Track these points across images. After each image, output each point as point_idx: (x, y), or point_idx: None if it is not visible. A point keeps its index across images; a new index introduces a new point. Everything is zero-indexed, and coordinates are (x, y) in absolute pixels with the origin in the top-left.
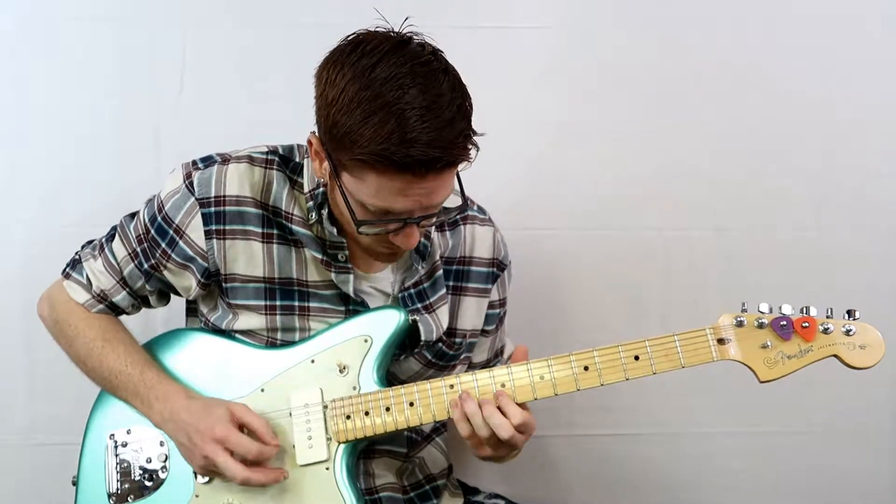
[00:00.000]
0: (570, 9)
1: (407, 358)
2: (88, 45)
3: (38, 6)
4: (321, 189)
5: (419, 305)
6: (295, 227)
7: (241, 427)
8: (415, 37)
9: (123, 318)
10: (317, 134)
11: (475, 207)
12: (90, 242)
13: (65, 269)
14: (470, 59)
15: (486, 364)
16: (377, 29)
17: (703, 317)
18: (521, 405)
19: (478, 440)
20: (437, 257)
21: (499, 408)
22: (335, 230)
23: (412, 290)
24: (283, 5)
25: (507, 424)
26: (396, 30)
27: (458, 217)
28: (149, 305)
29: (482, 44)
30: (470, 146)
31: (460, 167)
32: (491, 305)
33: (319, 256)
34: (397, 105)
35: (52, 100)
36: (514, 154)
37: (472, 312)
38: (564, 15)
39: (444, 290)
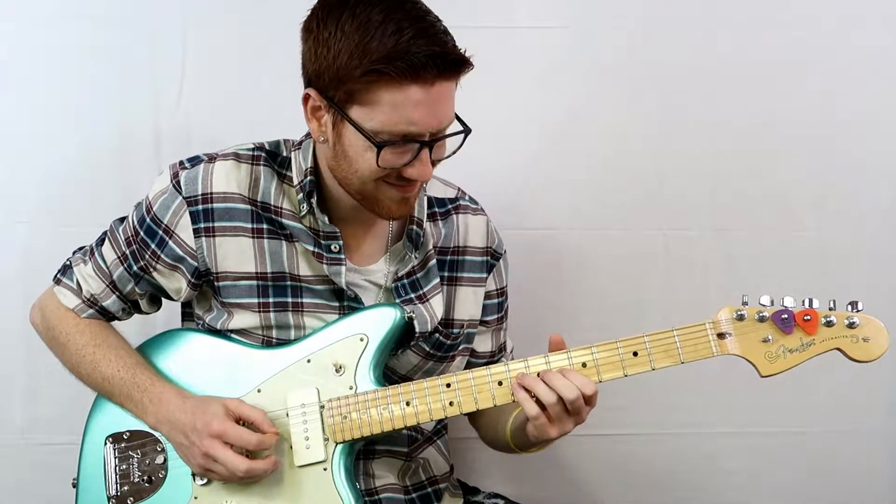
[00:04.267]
0: (570, 9)
1: (405, 351)
2: (88, 45)
3: (38, 6)
4: (309, 178)
5: (412, 295)
6: (285, 221)
7: (238, 421)
8: None
9: (120, 324)
10: (313, 86)
11: (467, 198)
12: (81, 248)
13: (56, 276)
14: (471, 58)
15: (491, 357)
16: None
17: (704, 317)
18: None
19: (546, 416)
20: (431, 247)
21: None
22: (326, 218)
23: (405, 281)
24: (283, 5)
25: (570, 385)
26: None
27: (450, 206)
28: (139, 310)
29: (483, 44)
30: (466, 57)
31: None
32: (488, 295)
33: (311, 248)
34: (392, 19)
35: (52, 100)
36: (515, 154)
37: (469, 302)
38: (565, 15)
39: (437, 280)
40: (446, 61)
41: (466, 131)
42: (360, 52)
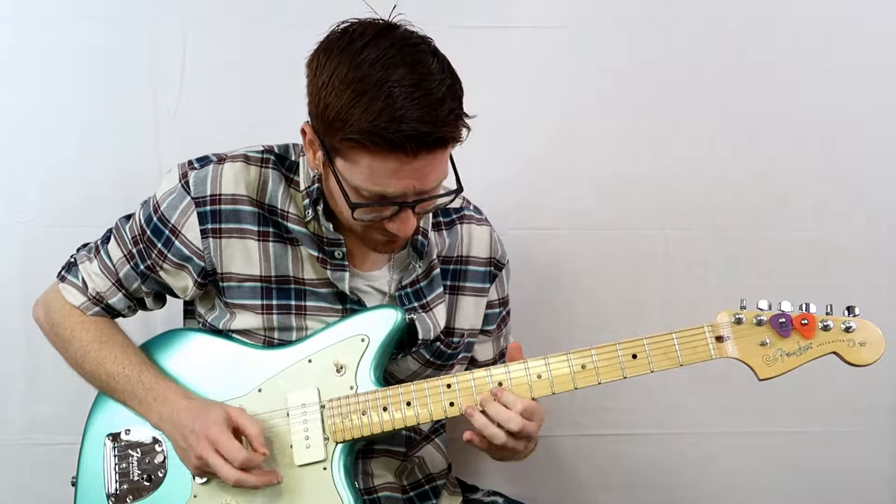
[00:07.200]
0: (569, 9)
1: (405, 357)
2: (88, 45)
3: (38, 6)
4: (316, 185)
5: (416, 304)
6: (291, 225)
7: (237, 430)
8: (404, 24)
9: (122, 320)
10: (310, 122)
11: (472, 207)
12: (85, 245)
13: (60, 272)
14: (470, 59)
15: (492, 364)
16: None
17: (703, 317)
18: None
19: (495, 446)
20: (435, 256)
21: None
22: (331, 226)
23: (409, 289)
24: (283, 5)
25: (515, 416)
26: (386, 19)
27: (454, 216)
28: (145, 308)
29: (482, 44)
30: (461, 125)
31: (453, 150)
32: (490, 305)
33: (316, 254)
34: (386, 84)
35: (52, 100)
36: (514, 154)
37: (470, 312)
38: (564, 15)
39: (440, 289)
40: (430, 140)
41: (458, 190)
42: (345, 115)
